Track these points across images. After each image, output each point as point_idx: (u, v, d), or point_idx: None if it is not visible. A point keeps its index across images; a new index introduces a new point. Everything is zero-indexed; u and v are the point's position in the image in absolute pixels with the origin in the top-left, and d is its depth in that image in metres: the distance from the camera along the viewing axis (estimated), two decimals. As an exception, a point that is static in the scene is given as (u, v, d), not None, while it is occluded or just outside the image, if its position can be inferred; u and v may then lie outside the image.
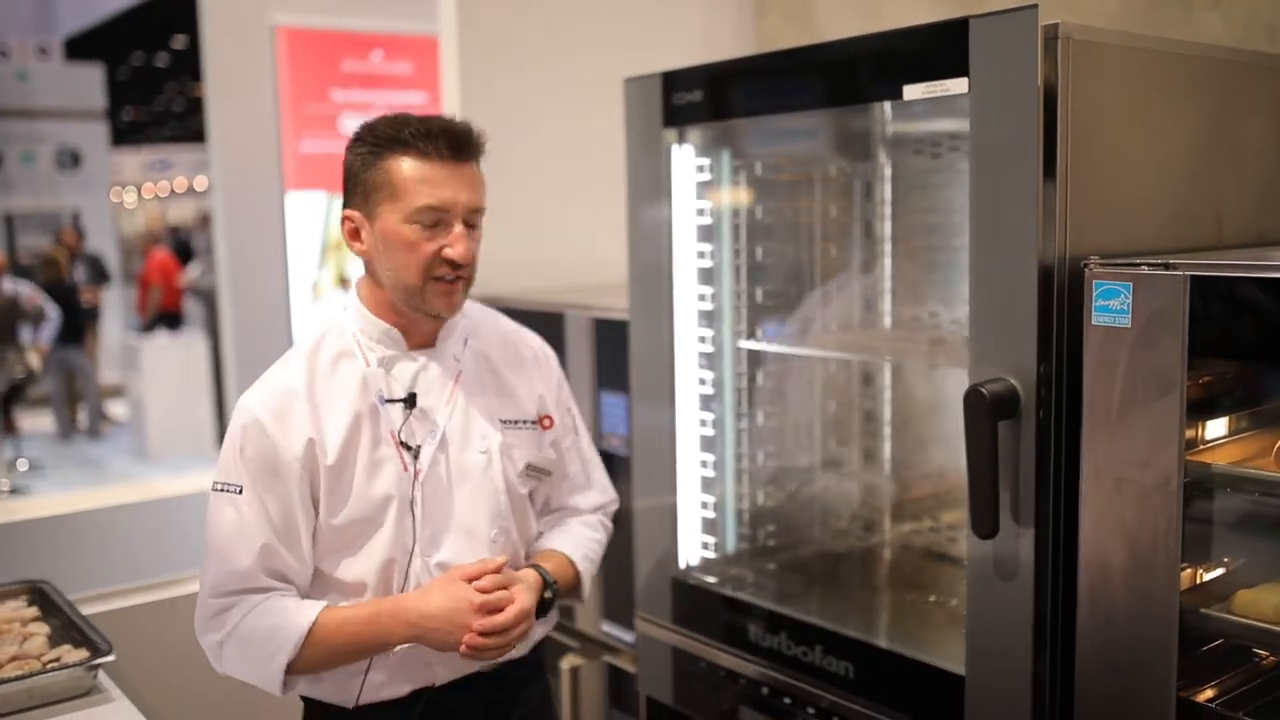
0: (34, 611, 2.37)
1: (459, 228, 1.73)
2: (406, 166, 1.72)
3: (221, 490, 1.78)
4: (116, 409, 11.02)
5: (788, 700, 2.12)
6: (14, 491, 8.59)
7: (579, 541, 2.00)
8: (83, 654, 2.11)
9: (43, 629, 2.27)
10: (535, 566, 1.89)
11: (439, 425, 1.82)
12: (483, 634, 1.72)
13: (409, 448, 1.79)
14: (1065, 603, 1.73)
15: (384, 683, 1.84)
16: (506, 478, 1.87)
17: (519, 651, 1.92)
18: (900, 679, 1.95)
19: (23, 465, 9.41)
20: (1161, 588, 1.61)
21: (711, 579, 2.34)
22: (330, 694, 1.86)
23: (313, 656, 1.74)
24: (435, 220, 1.73)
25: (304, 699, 1.92)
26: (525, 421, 1.92)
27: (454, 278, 1.75)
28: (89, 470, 9.52)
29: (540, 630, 1.98)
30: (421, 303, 1.77)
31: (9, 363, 8.63)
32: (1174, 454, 1.58)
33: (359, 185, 1.78)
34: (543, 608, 1.87)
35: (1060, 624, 1.74)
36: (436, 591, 1.75)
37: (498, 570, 1.77)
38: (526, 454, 1.90)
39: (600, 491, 2.08)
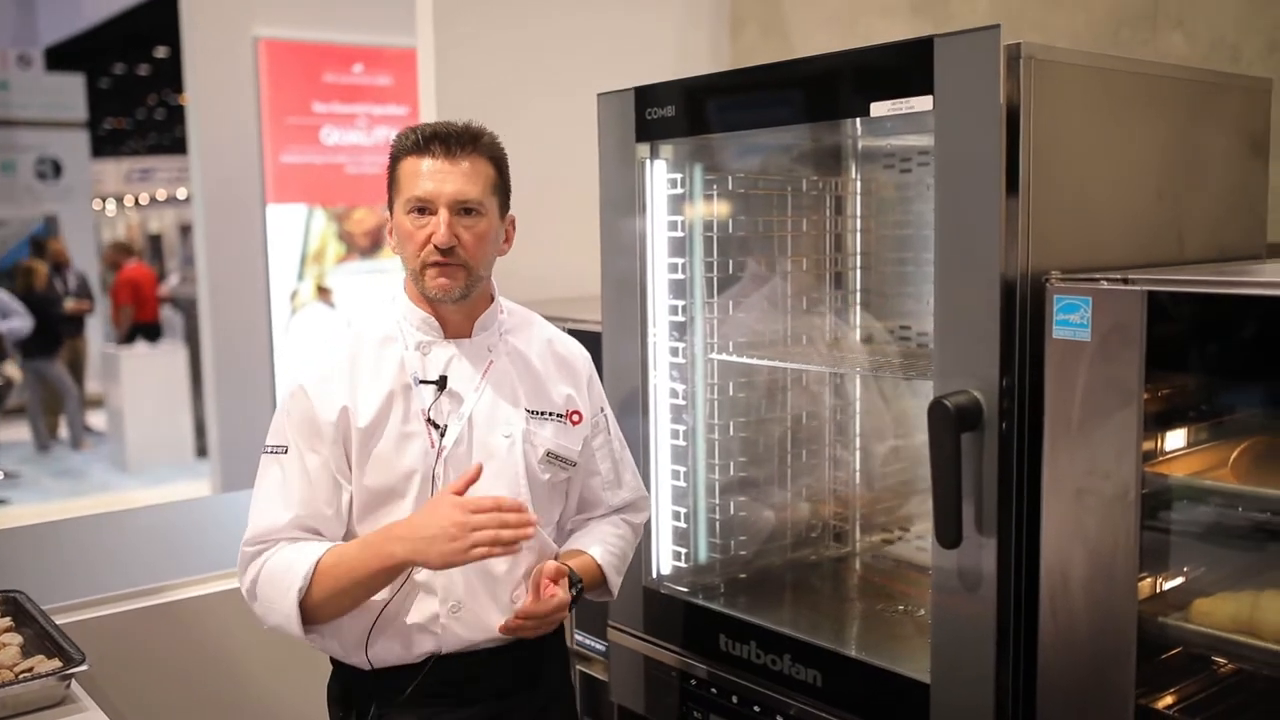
0: (7, 622, 2.36)
1: (443, 215, 1.87)
2: (407, 166, 1.91)
3: (270, 452, 1.95)
4: (97, 419, 10.97)
5: (757, 708, 2.14)
6: (-9, 502, 8.56)
7: (599, 538, 2.09)
8: (55, 664, 2.11)
9: (16, 639, 2.26)
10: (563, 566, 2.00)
11: (467, 407, 1.95)
12: (522, 617, 1.85)
13: (436, 426, 1.93)
14: (1028, 612, 1.76)
15: (393, 650, 1.93)
16: (527, 461, 1.98)
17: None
18: (867, 687, 1.97)
19: (-1, 476, 9.38)
20: (1120, 597, 1.65)
21: (683, 588, 2.36)
22: (343, 654, 1.97)
23: (322, 589, 1.85)
24: (423, 209, 1.89)
25: (333, 662, 2.03)
26: (552, 414, 2.03)
27: (446, 262, 1.89)
28: (67, 481, 9.47)
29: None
30: (423, 286, 1.92)
31: (-15, 374, 8.59)
32: (1132, 465, 1.61)
33: (388, 189, 1.97)
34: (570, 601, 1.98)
35: (1023, 633, 1.76)
36: (418, 509, 1.87)
37: (477, 476, 1.84)
38: (548, 442, 2.01)
39: (630, 490, 2.18)
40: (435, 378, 1.95)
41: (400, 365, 1.95)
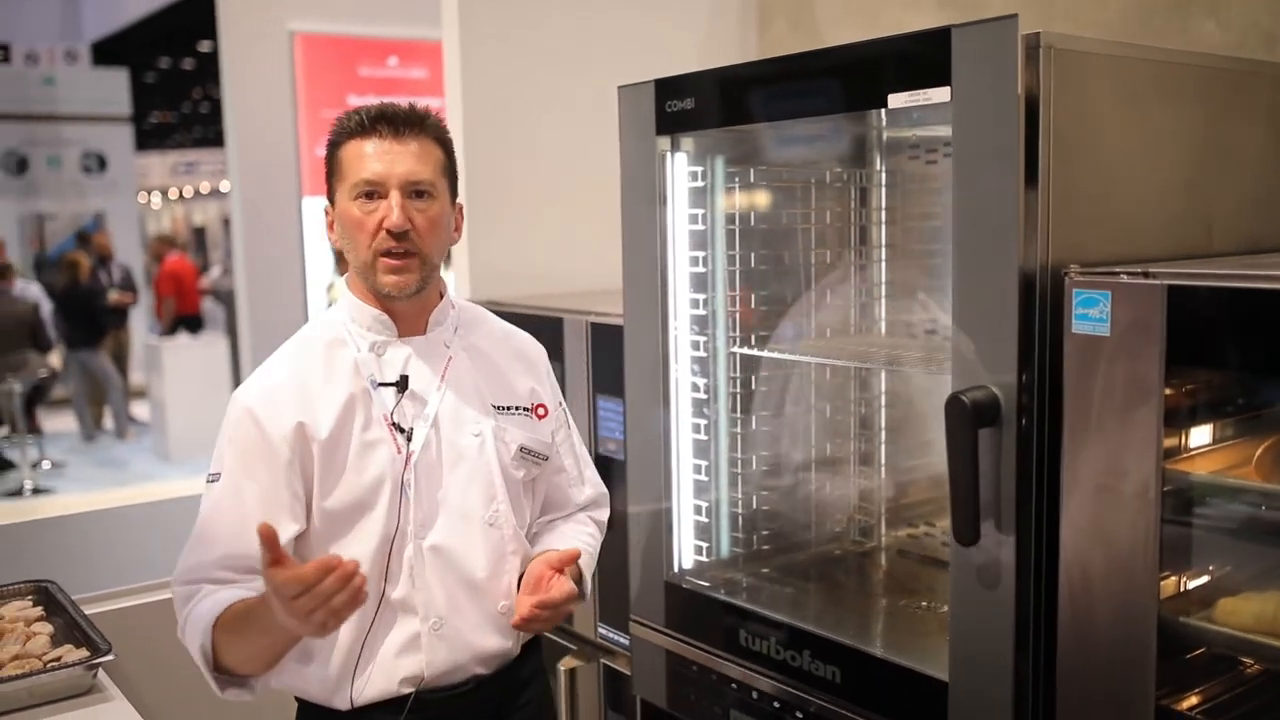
0: (38, 611, 2.40)
1: (394, 197, 1.77)
2: (350, 149, 1.80)
3: (209, 482, 1.83)
4: (141, 410, 11.13)
5: (777, 704, 2.13)
6: (37, 491, 8.70)
7: (574, 539, 2.01)
8: (83, 654, 2.14)
9: (46, 629, 2.30)
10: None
11: (431, 408, 1.85)
12: (539, 607, 1.77)
13: (401, 430, 1.82)
14: (1047, 610, 1.73)
15: (375, 681, 1.82)
16: (501, 460, 1.89)
17: (510, 644, 1.92)
18: (886, 684, 1.96)
19: (45, 465, 9.53)
20: (1140, 595, 1.62)
21: (705, 583, 2.35)
22: (322, 695, 1.86)
23: (226, 644, 1.70)
24: (372, 193, 1.77)
25: (298, 700, 1.92)
26: (518, 408, 1.95)
27: (401, 251, 1.78)
28: (110, 470, 9.62)
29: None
30: (374, 281, 1.81)
31: (31, 364, 8.73)
32: (1152, 462, 1.58)
33: (327, 178, 1.86)
34: None
35: (1042, 631, 1.74)
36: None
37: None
38: (519, 437, 1.93)
39: (592, 486, 2.11)
40: (394, 379, 1.84)
41: (354, 369, 1.83)
